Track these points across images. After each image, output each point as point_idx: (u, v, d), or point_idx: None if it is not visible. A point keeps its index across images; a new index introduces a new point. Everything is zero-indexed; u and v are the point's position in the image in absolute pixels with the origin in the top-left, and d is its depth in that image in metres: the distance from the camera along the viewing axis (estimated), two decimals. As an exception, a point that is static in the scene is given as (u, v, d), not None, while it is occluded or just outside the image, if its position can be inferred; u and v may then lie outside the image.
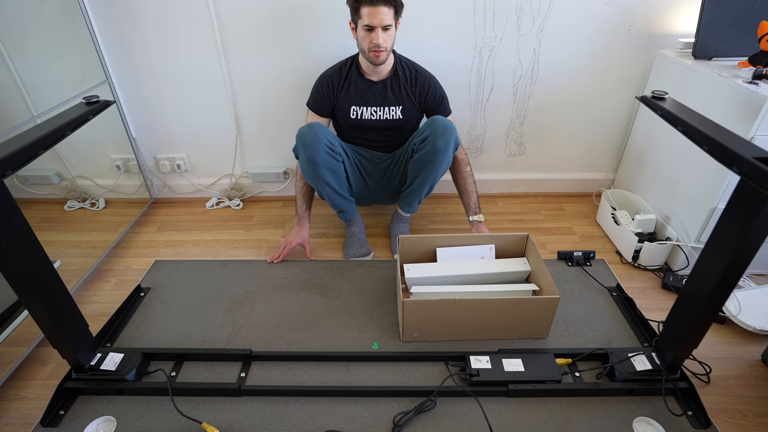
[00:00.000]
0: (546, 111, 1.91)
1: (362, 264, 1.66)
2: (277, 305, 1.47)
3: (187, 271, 1.62)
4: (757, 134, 1.30)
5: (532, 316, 1.29)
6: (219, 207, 2.05)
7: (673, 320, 1.16)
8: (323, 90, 1.59)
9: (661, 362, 1.21)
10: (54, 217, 1.76)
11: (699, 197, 1.49)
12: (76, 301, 1.51)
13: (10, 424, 1.15)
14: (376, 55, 1.44)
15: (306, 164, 1.49)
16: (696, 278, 1.06)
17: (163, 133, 1.94)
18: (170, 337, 1.37)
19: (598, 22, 1.70)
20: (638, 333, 1.37)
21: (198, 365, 1.28)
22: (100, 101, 1.11)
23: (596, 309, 1.45)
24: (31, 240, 1.01)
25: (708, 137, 0.90)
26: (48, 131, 0.96)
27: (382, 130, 1.63)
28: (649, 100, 1.10)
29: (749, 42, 1.47)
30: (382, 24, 1.39)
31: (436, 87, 1.61)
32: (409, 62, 1.61)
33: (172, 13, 1.66)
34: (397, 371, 1.25)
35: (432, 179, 1.55)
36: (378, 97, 1.58)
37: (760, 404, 1.18)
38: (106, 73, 1.74)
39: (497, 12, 1.67)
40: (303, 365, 1.27)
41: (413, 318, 1.28)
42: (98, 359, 1.22)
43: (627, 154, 1.96)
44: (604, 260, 1.67)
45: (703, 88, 1.48)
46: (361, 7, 1.39)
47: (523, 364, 1.21)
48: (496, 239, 1.50)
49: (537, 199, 2.10)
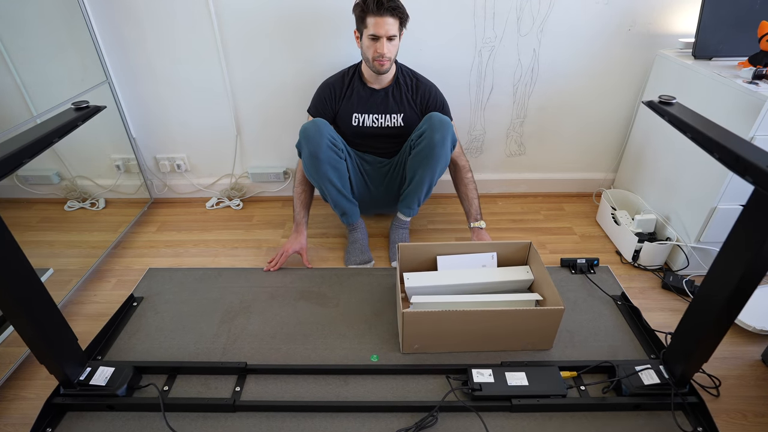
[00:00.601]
0: (546, 111, 1.91)
1: (361, 272, 1.62)
2: (273, 315, 1.44)
3: (182, 279, 1.59)
4: (757, 134, 1.30)
5: (536, 328, 1.26)
6: (219, 207, 2.05)
7: (682, 332, 1.11)
8: (325, 97, 1.60)
9: (669, 376, 1.16)
10: (54, 217, 1.77)
11: (699, 197, 1.49)
12: (76, 301, 1.53)
13: (10, 424, 1.15)
14: (380, 64, 1.47)
15: (308, 159, 1.49)
16: (708, 289, 1.01)
17: (163, 133, 1.94)
18: (163, 348, 1.33)
19: (598, 22, 1.70)
20: (645, 344, 1.33)
21: (191, 379, 1.24)
22: (89, 107, 1.07)
23: (601, 319, 1.42)
24: (14, 252, 0.97)
25: (719, 145, 0.86)
26: (34, 139, 0.92)
27: (384, 137, 1.64)
28: (656, 106, 1.05)
29: (749, 42, 1.47)
30: (388, 34, 1.42)
31: (437, 94, 1.62)
32: (410, 71, 1.62)
33: (172, 13, 1.66)
34: (397, 385, 1.22)
35: (430, 176, 1.54)
36: (380, 105, 1.59)
37: (760, 404, 1.18)
38: (106, 73, 1.74)
39: (497, 12, 1.67)
40: (300, 379, 1.24)
41: (413, 329, 1.25)
42: (88, 373, 1.18)
43: (627, 154, 1.96)
44: (608, 267, 1.64)
45: (703, 88, 1.48)
46: (367, 16, 1.41)
47: (527, 378, 1.18)
48: (498, 247, 1.48)
49: (537, 199, 2.10)
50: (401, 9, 1.43)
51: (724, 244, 0.96)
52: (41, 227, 1.72)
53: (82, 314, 1.47)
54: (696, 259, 1.56)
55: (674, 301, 1.51)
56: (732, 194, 1.41)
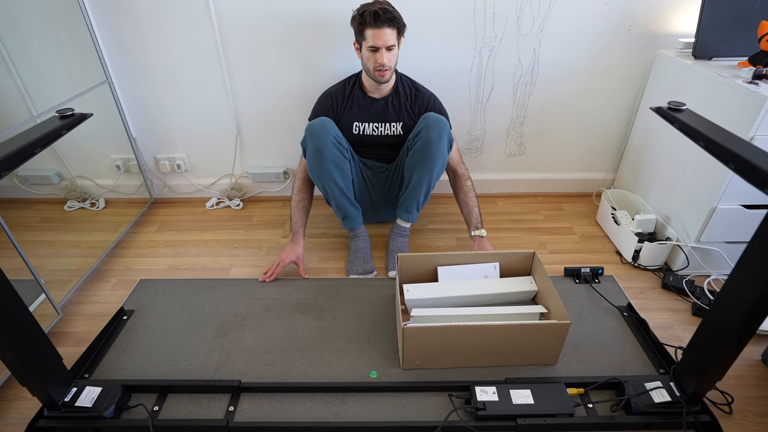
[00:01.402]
0: (546, 111, 1.91)
1: (359, 283, 1.58)
2: (268, 329, 1.40)
3: (174, 290, 1.54)
4: (757, 134, 1.30)
5: (541, 343, 1.22)
6: (219, 207, 2.05)
7: (695, 349, 1.06)
8: (327, 106, 1.61)
9: (680, 393, 1.12)
10: (54, 217, 1.77)
11: (699, 197, 1.49)
12: (76, 301, 1.53)
13: (10, 424, 1.15)
14: (381, 75, 1.49)
15: (313, 155, 1.49)
16: (723, 305, 0.96)
17: (163, 133, 1.94)
18: (154, 365, 1.28)
19: (598, 23, 1.70)
20: (653, 358, 1.29)
21: (183, 398, 1.19)
22: (75, 114, 1.02)
23: (607, 331, 1.38)
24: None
25: (735, 155, 0.82)
26: (13, 150, 0.86)
27: (384, 146, 1.65)
28: (665, 112, 1.01)
29: (749, 42, 1.47)
30: (386, 45, 1.44)
31: (435, 103, 1.63)
32: (410, 80, 1.64)
33: (173, 13, 1.66)
34: (398, 403, 1.18)
35: (428, 176, 1.53)
36: (379, 114, 1.61)
37: (760, 404, 1.18)
38: (106, 73, 1.74)
39: (497, 12, 1.67)
40: (296, 397, 1.19)
41: (414, 345, 1.21)
42: (74, 394, 1.12)
43: (627, 154, 1.96)
44: (613, 277, 1.60)
45: (703, 88, 1.48)
46: (365, 29, 1.43)
47: (533, 396, 1.13)
48: (501, 257, 1.43)
49: (537, 199, 2.10)
50: (398, 19, 1.45)
51: (741, 258, 0.92)
52: (41, 227, 1.72)
53: (82, 314, 1.47)
54: (696, 259, 1.56)
55: (674, 301, 1.51)
56: (732, 194, 1.41)
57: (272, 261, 1.70)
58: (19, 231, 1.32)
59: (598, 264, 1.68)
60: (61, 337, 1.39)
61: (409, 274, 1.44)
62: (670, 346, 1.30)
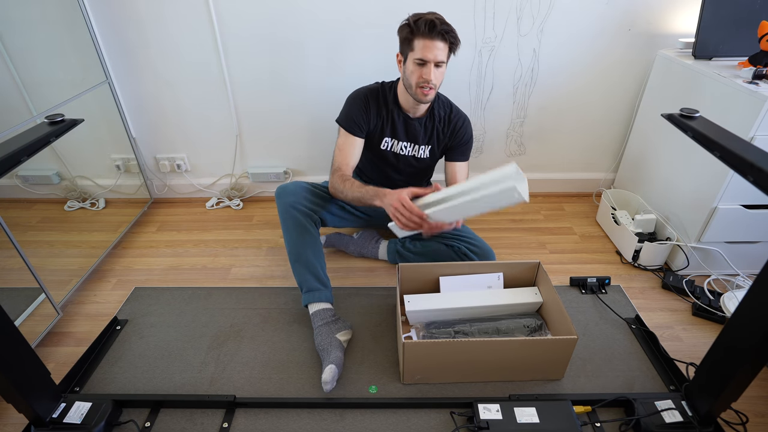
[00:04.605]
0: (546, 111, 1.91)
1: (359, 292, 1.53)
2: (265, 341, 1.36)
3: (169, 299, 1.51)
4: (757, 134, 1.30)
5: (547, 359, 1.18)
6: (219, 207, 2.05)
7: (709, 368, 1.01)
8: (362, 106, 1.43)
9: (693, 413, 1.07)
10: (54, 217, 1.77)
11: (699, 197, 1.49)
12: (76, 301, 1.53)
13: (10, 424, 1.15)
14: (425, 93, 1.32)
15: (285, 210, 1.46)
16: (740, 324, 0.91)
17: (163, 133, 1.94)
18: (146, 378, 1.24)
19: (598, 22, 1.70)
20: (663, 374, 1.24)
21: (176, 413, 1.15)
22: (65, 120, 0.98)
23: (615, 344, 1.34)
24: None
25: (754, 166, 0.77)
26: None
27: (406, 166, 1.55)
28: (677, 119, 0.96)
29: (749, 42, 1.47)
30: (436, 59, 1.28)
31: (467, 128, 1.51)
32: (447, 100, 1.52)
33: (173, 13, 1.66)
34: (398, 420, 1.14)
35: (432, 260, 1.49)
36: (411, 134, 1.49)
37: (760, 404, 1.18)
38: (106, 74, 1.74)
39: (497, 12, 1.67)
40: (293, 413, 1.16)
41: (414, 360, 1.17)
42: (62, 410, 1.09)
43: (627, 154, 1.96)
44: (620, 287, 1.55)
45: (703, 88, 1.48)
46: (415, 38, 1.27)
47: (538, 414, 1.08)
48: (505, 267, 1.39)
49: (537, 199, 2.10)
50: (453, 33, 1.29)
51: (761, 274, 0.85)
52: (41, 227, 1.72)
53: (82, 314, 1.47)
54: (696, 259, 1.56)
55: (674, 301, 1.51)
56: (732, 194, 1.41)
57: (272, 261, 1.70)
58: (19, 231, 1.32)
59: (597, 264, 1.68)
60: (61, 337, 1.39)
61: (410, 284, 1.40)
62: (680, 362, 1.25)
